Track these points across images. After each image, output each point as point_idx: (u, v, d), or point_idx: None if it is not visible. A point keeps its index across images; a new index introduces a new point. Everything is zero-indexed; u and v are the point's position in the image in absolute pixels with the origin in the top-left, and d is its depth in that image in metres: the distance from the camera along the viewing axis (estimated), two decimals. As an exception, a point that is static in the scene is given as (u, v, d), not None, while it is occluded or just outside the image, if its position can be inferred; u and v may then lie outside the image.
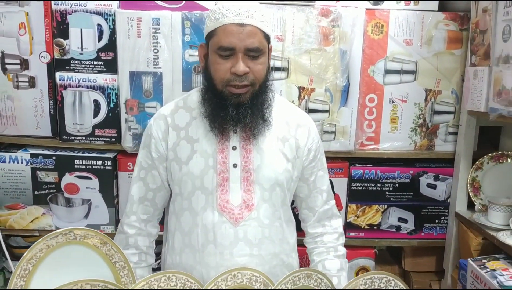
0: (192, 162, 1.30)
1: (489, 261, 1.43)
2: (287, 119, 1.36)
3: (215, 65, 1.24)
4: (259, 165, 1.30)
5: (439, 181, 1.79)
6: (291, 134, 1.35)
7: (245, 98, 1.24)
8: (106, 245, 1.17)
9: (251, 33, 1.20)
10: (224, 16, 1.21)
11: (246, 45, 1.20)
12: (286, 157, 1.34)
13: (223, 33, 1.21)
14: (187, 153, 1.31)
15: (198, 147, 1.30)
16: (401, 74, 1.73)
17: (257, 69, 1.23)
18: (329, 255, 1.42)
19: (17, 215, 1.75)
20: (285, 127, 1.35)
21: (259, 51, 1.22)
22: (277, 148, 1.33)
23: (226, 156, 1.30)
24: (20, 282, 1.06)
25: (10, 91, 1.68)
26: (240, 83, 1.22)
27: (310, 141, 1.38)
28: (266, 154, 1.31)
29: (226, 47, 1.21)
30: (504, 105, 1.37)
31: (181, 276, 1.17)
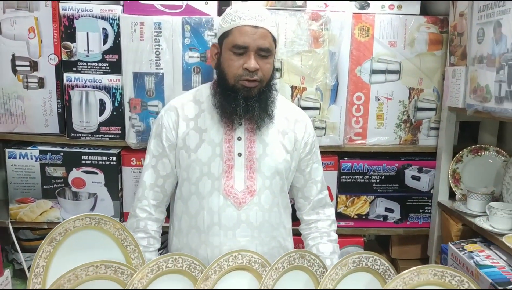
0: (200, 150, 1.42)
1: (467, 244, 1.55)
2: (286, 115, 1.49)
3: (228, 62, 1.37)
4: (261, 154, 1.43)
5: (422, 173, 1.91)
6: (290, 128, 1.48)
7: (253, 92, 1.37)
8: (119, 230, 1.27)
9: (263, 35, 1.34)
10: (240, 18, 1.34)
11: (259, 45, 1.34)
12: (285, 148, 1.46)
13: (238, 33, 1.34)
14: (195, 142, 1.43)
15: (206, 137, 1.42)
16: (386, 73, 1.84)
17: (266, 68, 1.37)
18: (323, 239, 1.54)
19: (27, 209, 1.84)
20: (285, 122, 1.48)
21: (269, 51, 1.36)
22: (278, 140, 1.45)
23: (231, 146, 1.42)
24: (42, 262, 1.17)
25: (20, 91, 1.77)
26: (251, 78, 1.35)
27: (307, 136, 1.50)
28: (268, 145, 1.44)
29: (241, 45, 1.34)
30: (479, 101, 1.50)
31: (186, 258, 1.28)
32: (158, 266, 1.23)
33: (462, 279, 1.18)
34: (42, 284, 1.17)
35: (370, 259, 1.29)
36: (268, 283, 1.21)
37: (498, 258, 1.43)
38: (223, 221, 1.41)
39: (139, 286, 1.18)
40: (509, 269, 1.36)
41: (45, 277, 1.18)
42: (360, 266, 1.28)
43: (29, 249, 1.96)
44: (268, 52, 1.37)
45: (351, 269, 1.27)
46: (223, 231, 1.42)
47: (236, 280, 1.28)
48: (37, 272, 1.17)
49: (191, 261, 1.29)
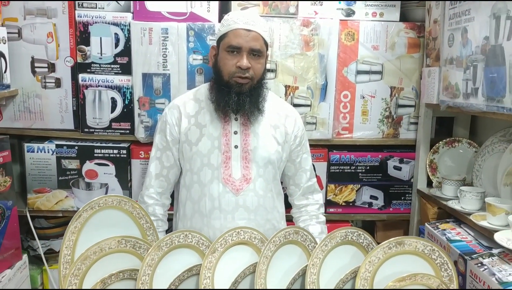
0: (200, 143, 1.59)
1: (441, 224, 1.75)
2: (278, 111, 1.66)
3: (224, 60, 1.55)
4: (255, 146, 1.60)
5: (403, 164, 2.10)
6: (281, 123, 1.65)
7: (245, 88, 1.54)
8: (136, 209, 1.45)
9: (255, 38, 1.52)
10: (234, 23, 1.52)
11: (251, 46, 1.51)
12: (277, 140, 1.64)
13: (233, 35, 1.52)
14: (196, 136, 1.60)
15: (206, 131, 1.60)
16: (370, 74, 2.03)
17: (257, 67, 1.54)
18: (312, 221, 1.72)
19: (44, 198, 2.00)
20: (276, 117, 1.65)
21: (260, 52, 1.54)
22: (270, 133, 1.63)
23: (229, 139, 1.60)
24: (72, 237, 1.34)
25: (38, 91, 1.93)
26: (243, 75, 1.52)
27: (296, 129, 1.68)
28: (261, 138, 1.61)
29: (235, 46, 1.52)
30: (450, 98, 1.70)
31: (195, 234, 1.46)
32: (172, 240, 1.41)
33: (433, 249, 1.38)
34: (71, 255, 1.35)
35: (355, 234, 1.48)
36: (267, 254, 1.40)
37: (467, 234, 1.63)
38: (223, 205, 1.59)
39: (156, 257, 1.36)
40: (476, 242, 1.55)
41: (74, 249, 1.35)
42: (346, 239, 1.47)
43: (44, 237, 2.12)
44: (260, 53, 1.54)
45: (339, 242, 1.46)
46: (223, 215, 1.59)
47: (239, 253, 1.46)
48: (68, 245, 1.34)
49: (199, 237, 1.47)
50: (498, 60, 1.38)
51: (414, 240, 1.39)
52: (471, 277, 1.41)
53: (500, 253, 1.44)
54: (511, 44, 1.32)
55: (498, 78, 1.39)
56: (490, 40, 1.42)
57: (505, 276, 1.29)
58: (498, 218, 1.50)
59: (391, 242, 1.39)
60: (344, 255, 1.47)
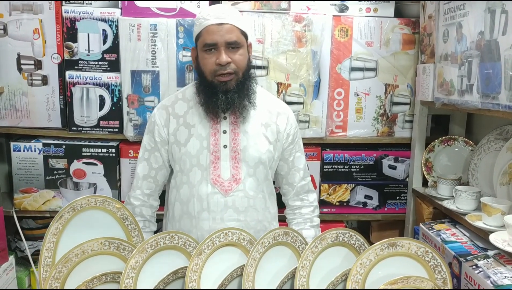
0: (189, 144, 1.55)
1: (436, 224, 1.71)
2: (269, 108, 1.62)
3: (203, 60, 1.50)
4: (245, 146, 1.56)
5: (398, 163, 2.06)
6: (272, 121, 1.61)
7: (231, 84, 1.50)
8: (121, 210, 1.41)
9: (229, 30, 1.47)
10: (206, 20, 1.47)
11: (226, 39, 1.46)
12: (268, 139, 1.59)
13: (206, 33, 1.47)
14: (185, 137, 1.56)
15: (194, 132, 1.56)
16: (364, 71, 1.99)
17: (237, 59, 1.49)
18: (306, 225, 1.68)
19: (31, 198, 1.96)
20: (267, 115, 1.61)
21: (237, 44, 1.49)
22: (260, 132, 1.58)
23: (217, 139, 1.55)
24: (52, 238, 1.30)
25: (25, 88, 1.89)
26: (224, 72, 1.47)
27: (289, 127, 1.63)
28: (251, 137, 1.57)
29: (210, 44, 1.47)
30: (445, 95, 1.66)
31: (182, 236, 1.42)
32: (157, 242, 1.37)
33: (426, 250, 1.34)
34: (52, 257, 1.31)
35: (346, 235, 1.44)
36: (255, 256, 1.36)
37: (462, 235, 1.59)
38: (212, 207, 1.55)
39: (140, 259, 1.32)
40: (471, 243, 1.51)
41: (55, 251, 1.31)
42: (337, 241, 1.43)
43: (32, 238, 2.08)
44: (237, 44, 1.49)
45: (330, 243, 1.42)
46: (212, 216, 1.55)
47: (227, 255, 1.42)
48: (48, 247, 1.30)
49: (186, 239, 1.43)
50: (493, 56, 1.34)
51: (407, 242, 1.35)
52: (465, 279, 1.37)
53: (495, 254, 1.39)
54: (506, 39, 1.28)
55: (493, 74, 1.34)
56: (485, 35, 1.38)
57: (500, 279, 1.25)
58: (494, 219, 1.46)
59: (383, 244, 1.34)
60: (335, 257, 1.43)
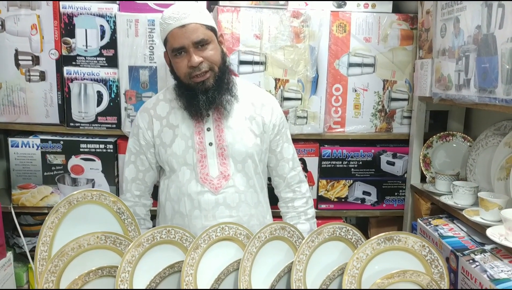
0: (174, 145, 1.55)
1: (433, 220, 1.70)
2: (252, 100, 1.60)
3: (176, 65, 1.49)
4: (231, 142, 1.54)
5: (396, 159, 2.06)
6: (257, 113, 1.59)
7: (209, 82, 1.47)
8: (117, 204, 1.41)
9: (193, 29, 1.43)
10: (168, 25, 1.44)
11: (192, 40, 1.43)
12: (254, 133, 1.57)
13: (172, 38, 1.45)
14: (170, 138, 1.56)
15: (179, 132, 1.55)
16: (362, 66, 1.99)
17: (209, 55, 1.46)
18: (300, 219, 1.68)
19: (28, 194, 1.96)
20: (251, 108, 1.59)
21: (205, 41, 1.45)
22: (245, 126, 1.57)
23: (202, 137, 1.54)
24: (48, 232, 1.30)
25: (22, 84, 1.90)
26: (199, 72, 1.45)
27: (274, 118, 1.61)
28: (236, 132, 1.55)
29: (177, 48, 1.44)
30: (442, 90, 1.66)
31: (178, 230, 1.41)
32: (153, 236, 1.36)
33: (423, 245, 1.33)
34: (48, 251, 1.30)
35: (343, 229, 1.44)
36: (251, 250, 1.35)
37: (460, 230, 1.59)
38: (203, 205, 1.54)
39: (136, 253, 1.32)
40: (468, 238, 1.51)
41: (51, 245, 1.31)
42: (334, 235, 1.42)
43: (30, 234, 2.08)
44: (205, 42, 1.44)
45: (326, 237, 1.41)
46: (203, 214, 1.55)
47: (223, 249, 1.42)
48: (44, 241, 1.30)
49: (182, 233, 1.42)
50: (490, 50, 1.34)
51: (404, 236, 1.34)
52: (462, 274, 1.37)
53: (492, 249, 1.39)
54: (503, 33, 1.28)
55: (490, 68, 1.34)
56: (482, 29, 1.38)
57: (496, 273, 1.25)
58: (491, 213, 1.46)
59: (380, 238, 1.34)
60: (332, 251, 1.43)
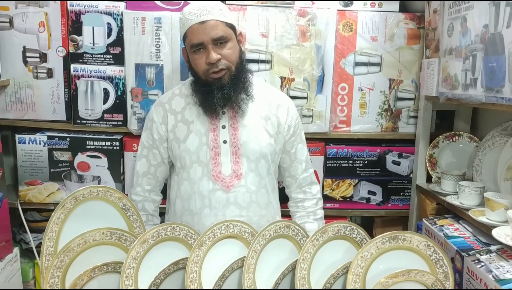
0: (188, 141, 1.55)
1: (439, 220, 1.70)
2: (269, 100, 1.60)
3: (194, 61, 1.49)
4: (245, 140, 1.54)
5: (402, 159, 2.05)
6: (272, 113, 1.59)
7: (225, 80, 1.47)
8: (122, 201, 1.42)
9: (213, 26, 1.43)
10: (188, 20, 1.45)
11: (211, 36, 1.43)
12: (269, 133, 1.58)
13: (191, 34, 1.45)
14: (184, 133, 1.56)
15: (193, 128, 1.55)
16: (368, 66, 1.98)
17: (227, 53, 1.46)
18: (309, 218, 1.68)
19: (35, 190, 1.98)
20: (267, 107, 1.59)
21: (225, 38, 1.45)
22: (260, 125, 1.57)
23: (217, 134, 1.55)
24: (55, 227, 1.31)
25: (30, 81, 1.91)
26: (216, 69, 1.45)
27: (290, 119, 1.62)
28: (251, 131, 1.55)
29: (196, 44, 1.45)
30: (449, 89, 1.65)
31: (183, 227, 1.42)
32: (158, 233, 1.37)
33: (428, 244, 1.33)
34: (54, 247, 1.31)
35: (348, 228, 1.44)
36: (256, 248, 1.36)
37: (465, 230, 1.58)
38: (213, 203, 1.54)
39: (141, 250, 1.32)
40: (474, 239, 1.50)
41: (57, 241, 1.32)
42: (339, 234, 1.43)
43: (36, 230, 2.09)
44: (224, 39, 1.44)
45: (331, 236, 1.41)
46: (214, 213, 1.55)
47: (228, 247, 1.42)
48: (50, 236, 1.31)
49: (187, 231, 1.43)
50: (497, 49, 1.33)
51: (409, 235, 1.34)
52: (467, 274, 1.36)
53: (498, 249, 1.38)
54: (510, 32, 1.27)
55: (497, 68, 1.33)
56: (490, 28, 1.37)
57: (502, 273, 1.24)
58: (497, 214, 1.45)
59: (385, 237, 1.34)
60: (336, 250, 1.43)
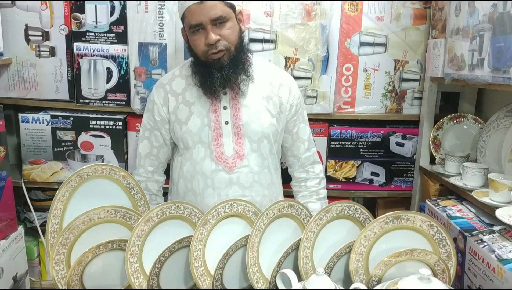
0: (190, 122, 1.54)
1: (442, 201, 1.70)
2: (270, 80, 1.58)
3: (193, 42, 1.47)
4: (247, 121, 1.54)
5: (406, 140, 2.05)
6: (274, 93, 1.58)
7: (224, 60, 1.45)
8: (127, 179, 1.42)
9: (212, 6, 1.40)
10: (186, 1, 1.42)
11: (210, 17, 1.40)
12: (270, 113, 1.57)
13: (189, 15, 1.43)
14: (185, 115, 1.55)
15: (195, 109, 1.54)
16: (374, 46, 1.96)
17: (227, 34, 1.44)
18: (312, 198, 1.68)
19: (39, 170, 1.98)
20: (269, 87, 1.57)
21: (223, 18, 1.42)
22: (262, 105, 1.56)
23: (218, 115, 1.54)
24: (59, 205, 1.31)
25: (33, 60, 1.90)
26: (216, 50, 1.43)
27: (292, 98, 1.60)
28: (253, 112, 1.54)
29: (195, 25, 1.42)
30: (455, 70, 1.64)
31: (187, 206, 1.42)
32: (163, 211, 1.37)
33: (431, 224, 1.33)
34: (59, 224, 1.32)
35: (351, 208, 1.44)
36: (260, 227, 1.36)
37: (468, 211, 1.58)
38: (216, 183, 1.55)
39: (145, 228, 1.33)
40: (477, 219, 1.51)
41: (62, 218, 1.33)
42: (342, 213, 1.43)
43: (40, 209, 2.11)
44: (223, 19, 1.42)
45: (334, 216, 1.41)
46: (217, 193, 1.55)
47: (232, 226, 1.42)
48: (55, 214, 1.32)
49: (191, 209, 1.43)
50: (505, 29, 1.31)
51: (412, 215, 1.34)
52: (470, 254, 1.37)
53: (501, 230, 1.39)
54: (520, 11, 1.25)
55: (505, 48, 1.32)
56: (498, 7, 1.35)
57: (505, 253, 1.25)
58: (501, 195, 1.45)
59: (388, 217, 1.34)
60: (340, 230, 1.43)
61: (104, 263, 1.31)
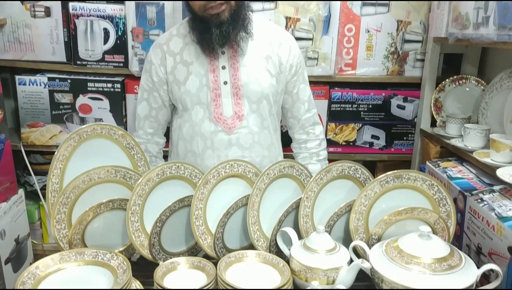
0: (188, 82, 1.52)
1: (442, 162, 1.70)
2: (270, 39, 1.54)
3: None
4: (246, 81, 1.51)
5: (407, 103, 2.03)
6: (274, 52, 1.54)
7: (224, 16, 1.40)
8: (126, 139, 1.41)
9: None
10: None
11: None
12: (270, 73, 1.54)
13: None
14: (184, 75, 1.52)
15: (193, 69, 1.51)
16: (376, 6, 1.92)
17: None
18: (312, 159, 1.67)
19: (37, 133, 1.97)
20: (268, 46, 1.54)
21: None
22: (262, 65, 1.53)
23: (217, 75, 1.51)
24: (59, 165, 1.31)
25: (28, 20, 1.86)
26: (214, 4, 1.37)
27: (292, 58, 1.57)
28: (252, 71, 1.51)
29: None
30: (459, 29, 1.60)
31: (188, 166, 1.41)
32: (163, 171, 1.36)
33: (432, 183, 1.33)
34: (60, 184, 1.32)
35: (352, 168, 1.44)
36: (260, 186, 1.36)
37: (469, 172, 1.58)
38: (216, 144, 1.54)
39: (146, 187, 1.33)
40: (477, 180, 1.51)
41: (62, 178, 1.32)
42: (343, 173, 1.43)
43: (40, 172, 2.11)
44: None
45: (335, 175, 1.41)
46: (216, 154, 1.54)
47: (232, 186, 1.42)
48: (55, 173, 1.31)
49: (192, 169, 1.42)
50: (513, -16, 1.28)
51: (413, 174, 1.34)
52: (470, 213, 1.38)
53: (501, 189, 1.39)
54: (528, -36, 1.22)
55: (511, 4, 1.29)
56: (506, -39, 1.31)
57: (505, 211, 1.25)
58: (502, 155, 1.45)
59: (389, 176, 1.34)
60: (340, 189, 1.43)
61: (105, 222, 1.31)
